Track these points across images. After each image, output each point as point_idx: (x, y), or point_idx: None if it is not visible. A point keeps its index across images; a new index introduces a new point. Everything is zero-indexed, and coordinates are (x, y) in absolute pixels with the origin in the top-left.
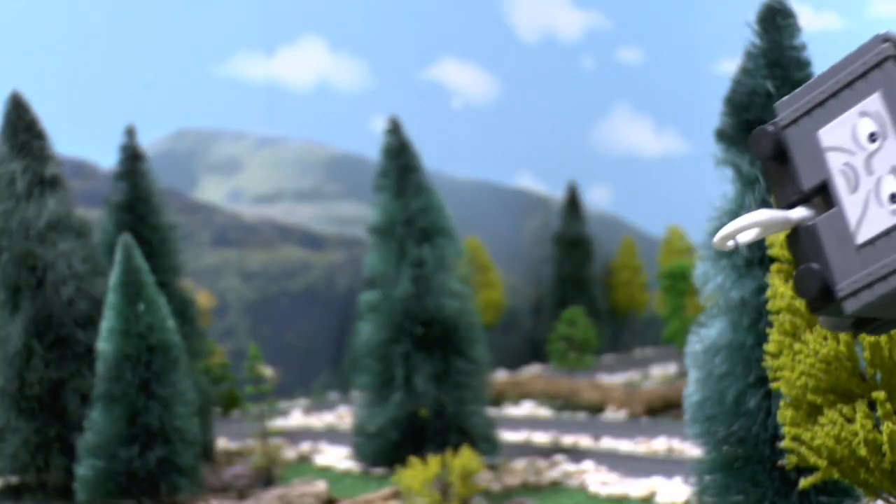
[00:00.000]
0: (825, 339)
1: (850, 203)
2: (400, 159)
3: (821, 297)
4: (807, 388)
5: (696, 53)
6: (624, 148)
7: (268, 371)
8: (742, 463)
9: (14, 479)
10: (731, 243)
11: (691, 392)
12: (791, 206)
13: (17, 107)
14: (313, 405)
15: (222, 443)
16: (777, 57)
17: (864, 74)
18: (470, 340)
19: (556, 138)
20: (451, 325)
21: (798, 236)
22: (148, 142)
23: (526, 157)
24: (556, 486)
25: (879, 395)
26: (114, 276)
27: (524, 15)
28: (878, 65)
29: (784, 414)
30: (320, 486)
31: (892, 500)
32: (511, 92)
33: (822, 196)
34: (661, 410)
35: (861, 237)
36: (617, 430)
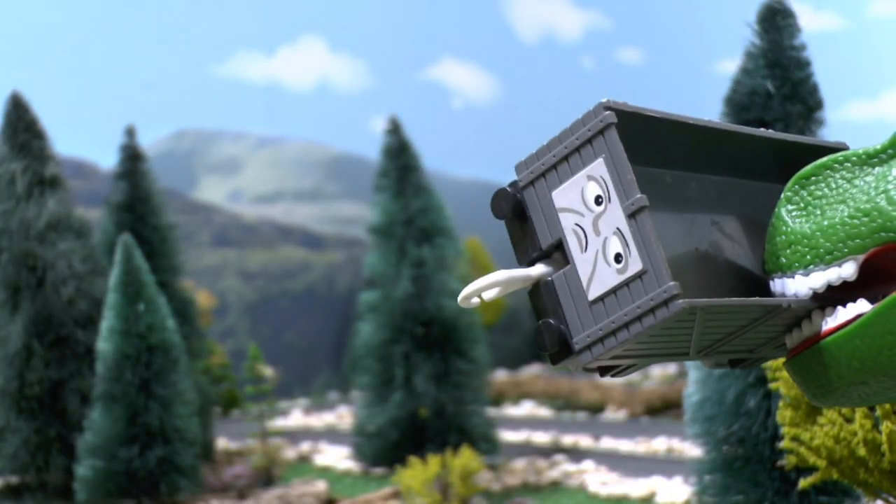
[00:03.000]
0: None
1: (581, 261)
2: (400, 159)
3: (559, 351)
4: None
5: (696, 53)
6: None
7: (268, 371)
8: (742, 463)
9: (14, 479)
10: (475, 300)
11: (691, 392)
12: (532, 262)
13: (17, 107)
14: (313, 405)
15: (222, 443)
16: (777, 57)
17: (589, 140)
18: (470, 340)
19: None
20: (451, 325)
21: (538, 292)
22: (148, 142)
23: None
24: (556, 486)
25: None
26: (114, 276)
27: (524, 15)
28: (601, 132)
29: (783, 414)
30: (320, 486)
31: (891, 500)
32: (511, 92)
33: (561, 253)
34: (661, 410)
35: (592, 294)
36: (617, 430)
